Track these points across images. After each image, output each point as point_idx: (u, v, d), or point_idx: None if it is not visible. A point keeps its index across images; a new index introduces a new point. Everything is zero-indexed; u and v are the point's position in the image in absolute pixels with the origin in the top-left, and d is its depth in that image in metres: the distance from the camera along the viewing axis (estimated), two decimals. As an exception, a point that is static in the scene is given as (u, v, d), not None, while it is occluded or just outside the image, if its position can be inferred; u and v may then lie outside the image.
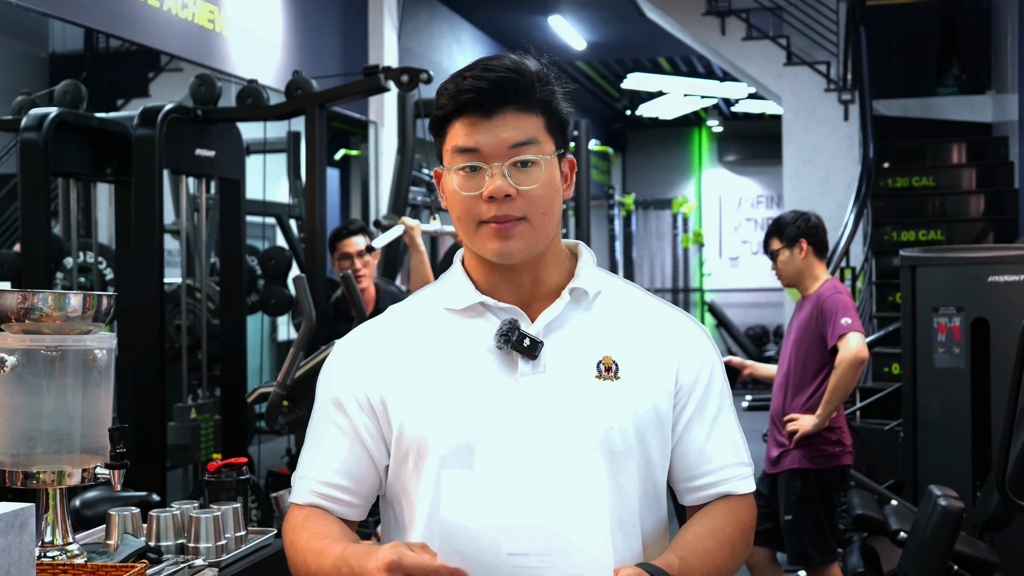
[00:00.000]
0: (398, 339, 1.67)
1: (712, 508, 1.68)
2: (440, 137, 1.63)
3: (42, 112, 4.66)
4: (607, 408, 1.59)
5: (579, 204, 8.22)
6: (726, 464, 1.68)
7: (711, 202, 18.75)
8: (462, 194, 1.59)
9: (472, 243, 1.62)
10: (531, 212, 1.58)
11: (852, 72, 9.91)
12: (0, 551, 1.63)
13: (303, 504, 1.68)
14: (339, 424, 1.66)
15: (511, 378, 1.60)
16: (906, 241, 8.70)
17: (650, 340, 1.66)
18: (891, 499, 4.91)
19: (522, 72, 1.59)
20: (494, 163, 1.57)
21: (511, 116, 1.57)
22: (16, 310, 2.17)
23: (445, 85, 1.61)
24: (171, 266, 7.39)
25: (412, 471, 1.61)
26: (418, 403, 1.61)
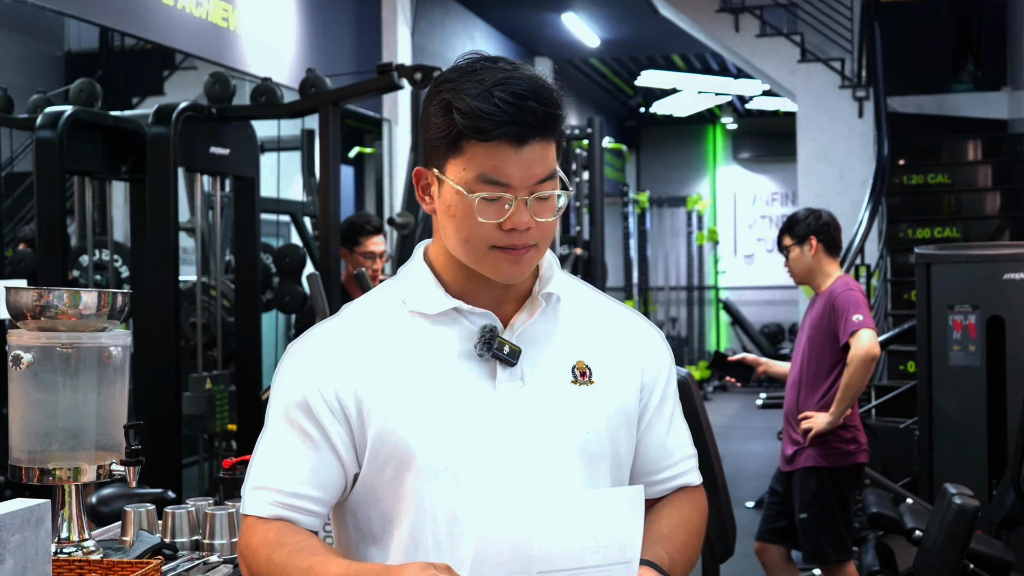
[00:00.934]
0: (366, 341, 1.59)
1: (676, 499, 1.73)
2: (450, 149, 1.52)
3: (57, 110, 4.68)
4: (584, 413, 1.60)
5: (593, 202, 8.21)
6: (684, 457, 1.74)
7: (726, 199, 18.72)
8: (480, 220, 1.51)
9: (477, 264, 1.56)
10: (542, 240, 1.56)
11: (867, 69, 9.88)
12: (17, 547, 1.64)
13: (269, 517, 1.57)
14: (306, 429, 1.57)
15: (490, 386, 1.57)
16: (921, 238, 8.67)
17: (616, 342, 1.68)
18: (906, 497, 4.90)
19: (557, 103, 1.53)
20: (520, 195, 1.52)
21: (539, 147, 1.52)
22: (32, 307, 2.18)
23: (467, 96, 1.49)
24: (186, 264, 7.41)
25: (390, 481, 1.56)
26: (400, 412, 1.55)
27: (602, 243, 8.05)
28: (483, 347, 1.56)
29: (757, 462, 9.13)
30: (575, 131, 8.48)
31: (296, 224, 7.59)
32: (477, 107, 1.48)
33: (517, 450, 1.56)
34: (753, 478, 8.46)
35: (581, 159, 8.66)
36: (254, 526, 1.58)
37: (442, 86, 1.54)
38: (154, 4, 5.47)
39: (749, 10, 10.56)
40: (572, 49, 13.82)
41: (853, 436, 4.51)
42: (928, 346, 5.18)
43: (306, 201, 7.69)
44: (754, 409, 5.55)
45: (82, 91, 5.40)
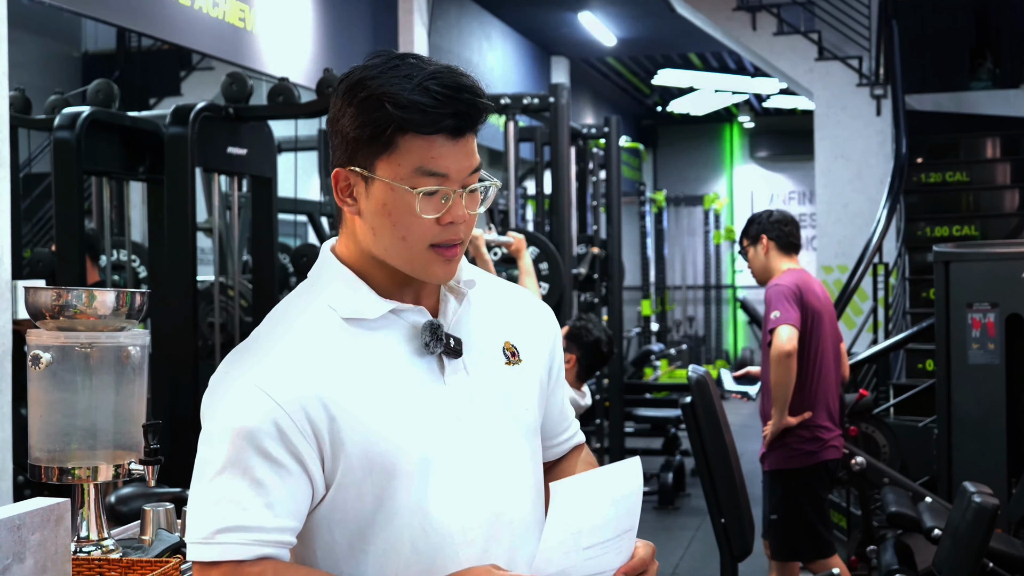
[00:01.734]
0: (312, 355, 1.51)
1: (579, 457, 1.85)
2: (381, 146, 1.48)
3: (75, 111, 4.70)
4: (521, 391, 1.66)
5: (610, 201, 8.20)
6: (573, 419, 1.87)
7: (743, 198, 18.67)
8: (423, 217, 1.49)
9: (410, 263, 1.54)
10: (467, 235, 1.56)
11: (884, 67, 9.84)
12: (37, 546, 1.65)
13: (252, 559, 1.46)
14: (279, 459, 1.46)
15: (440, 381, 1.57)
16: (940, 237, 8.63)
17: (526, 319, 1.73)
18: (925, 496, 4.88)
19: (485, 96, 1.53)
20: (457, 188, 1.51)
21: (471, 140, 1.52)
22: (51, 307, 2.19)
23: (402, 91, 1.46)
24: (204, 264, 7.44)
25: (369, 493, 1.51)
26: (372, 422, 1.50)
27: (619, 242, 8.04)
28: (435, 343, 1.55)
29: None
30: (591, 130, 8.47)
31: (313, 224, 7.61)
32: (417, 100, 1.46)
33: (476, 440, 1.58)
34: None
35: (598, 158, 8.65)
36: (236, 571, 1.46)
37: (362, 84, 1.49)
38: (171, 4, 5.49)
39: (766, 8, 10.53)
40: (589, 48, 13.80)
41: (813, 435, 4.49)
42: (947, 344, 5.16)
43: (323, 201, 7.70)
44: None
45: (99, 92, 5.43)
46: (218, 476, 1.47)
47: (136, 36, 9.22)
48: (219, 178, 5.74)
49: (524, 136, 7.82)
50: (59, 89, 6.07)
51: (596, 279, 7.68)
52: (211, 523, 1.46)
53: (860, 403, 5.42)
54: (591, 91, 15.88)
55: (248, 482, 1.46)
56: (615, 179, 8.20)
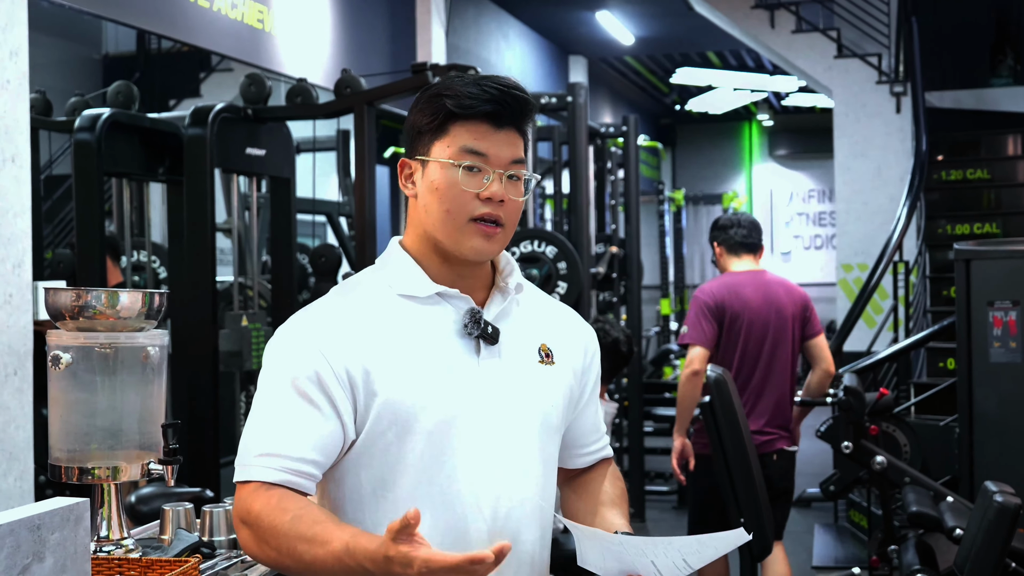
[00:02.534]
0: (365, 318, 1.76)
1: (605, 471, 2.02)
2: (436, 133, 1.76)
3: (95, 113, 4.72)
4: (548, 389, 1.85)
5: (629, 200, 8.19)
6: (604, 433, 2.05)
7: (762, 197, 18.62)
8: (462, 188, 1.74)
9: (453, 236, 1.76)
10: (509, 222, 1.78)
11: (904, 64, 9.79)
12: (56, 545, 1.66)
13: (274, 483, 1.68)
14: (314, 399, 1.70)
15: (474, 361, 1.78)
16: (960, 234, 8.58)
17: (564, 329, 1.94)
18: (947, 496, 4.85)
19: (531, 103, 1.79)
20: (497, 169, 1.75)
21: (512, 135, 1.78)
22: (71, 308, 2.20)
23: (459, 86, 1.75)
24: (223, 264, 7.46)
25: (389, 445, 1.72)
26: (404, 382, 1.72)
27: (638, 241, 8.02)
28: (473, 325, 1.77)
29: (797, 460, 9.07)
30: (610, 129, 8.46)
31: (332, 224, 7.63)
32: (467, 91, 1.75)
33: (495, 417, 1.77)
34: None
35: (616, 157, 8.63)
36: (255, 492, 1.67)
37: (434, 87, 1.80)
38: (190, 6, 5.51)
39: (785, 6, 10.49)
40: (607, 47, 13.79)
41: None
42: (968, 343, 5.13)
43: (342, 201, 7.72)
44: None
45: (119, 93, 5.45)
46: (262, 408, 1.72)
47: (156, 38, 9.25)
48: (238, 179, 5.76)
49: (542, 135, 7.82)
50: (79, 91, 6.10)
51: (615, 278, 7.66)
52: (253, 447, 1.70)
53: (881, 402, 5.39)
54: (609, 90, 15.86)
55: (286, 416, 1.70)
56: (633, 178, 8.18)
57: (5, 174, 3.79)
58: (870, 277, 7.88)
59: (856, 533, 6.78)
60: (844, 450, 4.91)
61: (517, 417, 1.80)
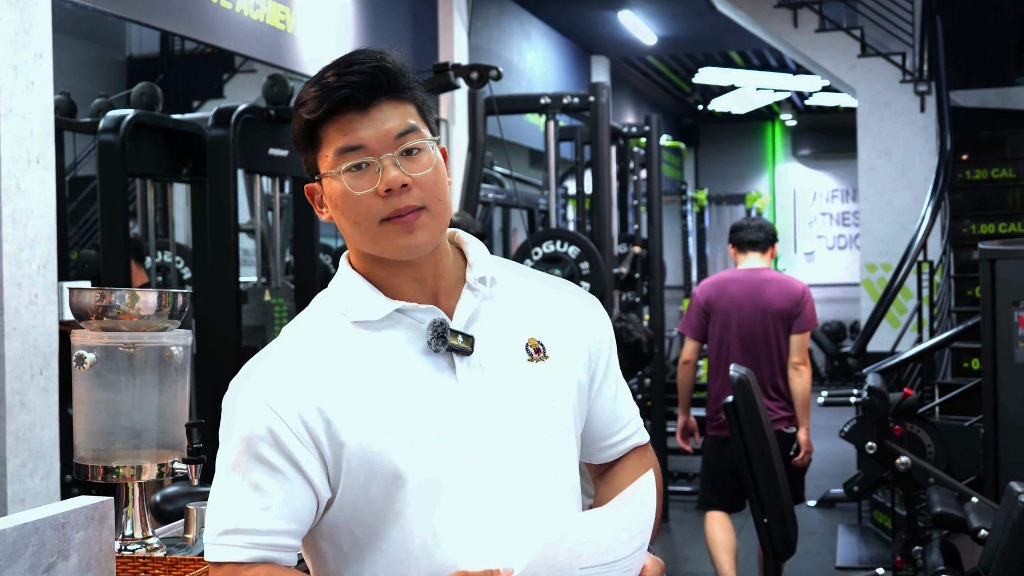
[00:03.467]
0: (317, 359, 1.54)
1: (633, 461, 1.77)
2: (312, 147, 1.56)
3: (119, 114, 4.74)
4: (546, 389, 1.60)
5: (651, 200, 8.17)
6: (631, 419, 1.77)
7: (785, 197, 18.56)
8: (356, 194, 1.52)
9: (375, 245, 1.54)
10: (429, 200, 1.54)
11: (928, 63, 9.74)
12: (81, 543, 1.67)
13: (248, 561, 1.49)
14: (274, 463, 1.50)
15: (452, 379, 1.55)
16: (985, 234, 8.53)
17: (560, 315, 1.67)
18: (971, 496, 4.82)
19: (390, 61, 1.56)
20: (384, 155, 1.52)
21: (388, 107, 1.54)
22: (95, 308, 2.21)
23: (307, 92, 1.55)
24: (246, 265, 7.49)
25: (377, 497, 1.51)
26: (372, 424, 1.50)
27: (660, 241, 8.00)
28: (438, 341, 1.54)
29: (819, 460, 9.02)
30: (632, 129, 8.45)
31: (354, 224, 7.63)
32: (314, 93, 1.53)
33: (492, 436, 1.55)
34: (815, 476, 8.37)
35: (639, 157, 8.62)
36: (235, 573, 1.50)
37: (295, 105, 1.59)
38: (213, 8, 5.54)
39: (808, 5, 10.45)
40: (629, 47, 13.77)
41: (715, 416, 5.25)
42: (993, 343, 5.09)
43: (364, 202, 7.73)
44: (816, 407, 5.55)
45: (143, 95, 5.47)
46: (224, 479, 1.53)
47: (179, 40, 9.30)
48: (261, 179, 5.77)
49: (564, 136, 7.81)
50: (104, 92, 6.13)
51: (637, 278, 7.66)
52: (216, 524, 1.51)
53: (905, 402, 5.36)
54: (631, 90, 15.84)
55: (247, 486, 1.50)
56: (656, 178, 8.17)
57: (30, 175, 3.82)
58: (894, 277, 7.84)
59: (880, 534, 6.75)
60: (868, 450, 4.89)
61: (514, 428, 1.56)
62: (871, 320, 7.88)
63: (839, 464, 8.71)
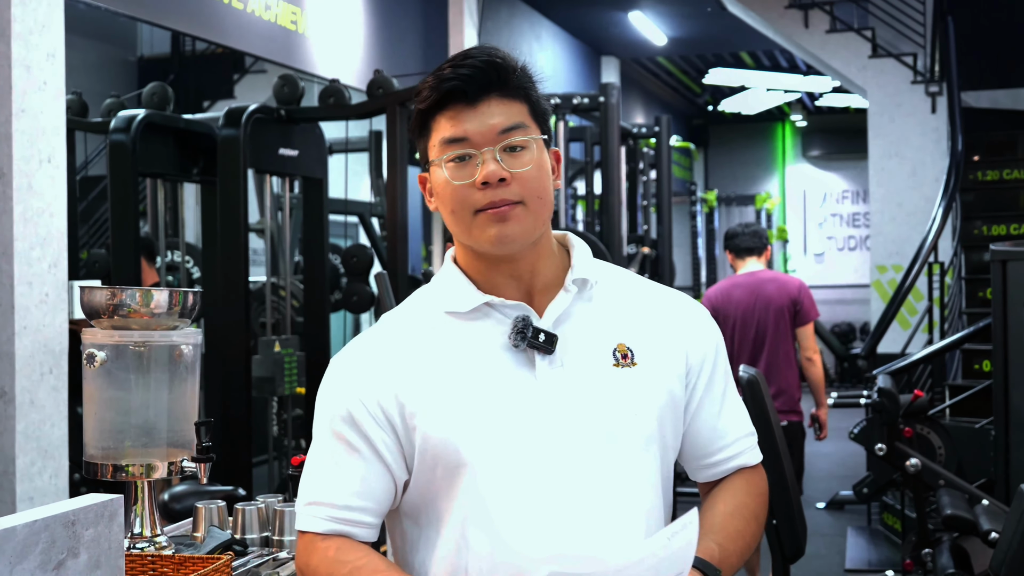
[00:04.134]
0: (404, 346, 1.60)
1: (731, 484, 1.71)
2: (424, 136, 1.61)
3: (130, 114, 4.76)
4: (630, 395, 1.58)
5: (661, 200, 8.17)
6: (738, 438, 1.71)
7: (795, 198, 18.53)
8: (454, 184, 1.56)
9: (469, 236, 1.58)
10: (527, 195, 1.55)
11: (940, 63, 9.71)
12: (90, 541, 1.67)
13: (324, 533, 1.58)
14: (353, 442, 1.58)
15: (530, 375, 1.56)
16: (997, 235, 8.49)
17: (657, 324, 1.65)
18: (982, 499, 4.81)
19: (503, 58, 1.59)
20: (484, 149, 1.55)
21: (496, 102, 1.57)
22: (105, 306, 2.22)
23: (423, 83, 1.60)
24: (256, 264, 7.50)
25: (443, 480, 1.56)
26: (442, 411, 1.55)
27: (670, 242, 8.00)
28: (517, 337, 1.56)
29: (828, 462, 9.03)
30: (642, 129, 8.44)
31: (364, 225, 7.65)
32: (428, 83, 1.58)
33: (563, 435, 1.55)
34: (824, 479, 8.36)
35: (648, 158, 8.62)
36: (312, 543, 1.58)
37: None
38: (224, 8, 5.55)
39: (819, 5, 10.43)
40: (639, 48, 13.76)
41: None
42: (1004, 345, 5.07)
43: (374, 202, 7.74)
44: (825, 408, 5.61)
45: (154, 95, 5.49)
46: (313, 453, 1.63)
47: (190, 40, 9.32)
48: (271, 179, 5.79)
49: (574, 136, 7.81)
50: (115, 92, 6.15)
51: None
52: (303, 495, 1.62)
53: (915, 404, 5.35)
54: (641, 90, 15.83)
55: (329, 462, 1.60)
56: (666, 179, 8.16)
57: (41, 174, 3.83)
58: (904, 278, 7.82)
59: (890, 536, 6.73)
60: (878, 452, 4.88)
61: (591, 430, 1.56)
62: (881, 321, 7.86)
63: (848, 466, 8.69)
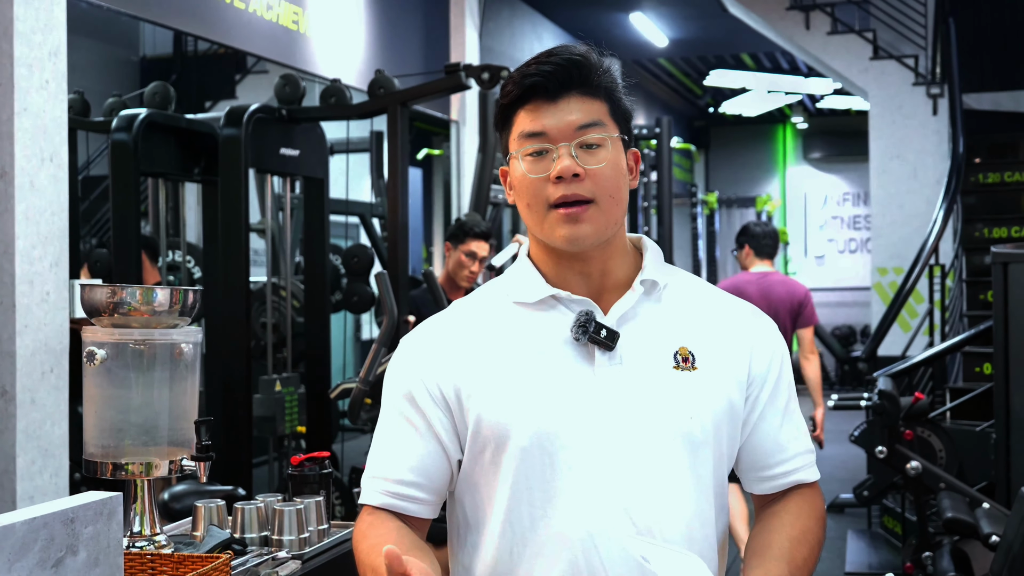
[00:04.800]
0: (468, 332, 1.65)
1: (795, 506, 1.69)
2: (506, 129, 1.64)
3: (132, 113, 4.76)
4: (687, 398, 1.59)
5: (661, 202, 8.17)
6: (798, 453, 1.70)
7: (796, 200, 18.52)
8: (530, 177, 1.59)
9: (542, 230, 1.61)
10: (599, 194, 1.58)
11: (941, 65, 9.72)
12: (89, 538, 1.67)
13: (375, 505, 1.64)
14: (411, 420, 1.63)
15: (589, 369, 1.58)
16: (998, 238, 8.50)
17: (722, 331, 1.66)
18: (983, 502, 4.80)
19: (585, 57, 1.62)
20: (561, 144, 1.58)
21: (576, 100, 1.60)
22: (106, 304, 2.22)
23: (510, 76, 1.64)
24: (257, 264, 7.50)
25: (489, 464, 1.59)
26: (496, 394, 1.58)
27: (671, 244, 8.01)
28: (579, 331, 1.58)
29: (830, 465, 9.02)
30: (643, 131, 8.45)
31: (365, 225, 7.65)
32: (515, 77, 1.62)
33: (615, 430, 1.56)
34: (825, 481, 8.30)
35: (649, 159, 8.62)
36: (362, 516, 1.65)
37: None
38: (226, 8, 5.55)
39: (820, 7, 10.44)
40: (640, 49, 13.76)
41: None
42: (1005, 347, 5.07)
43: (374, 202, 7.74)
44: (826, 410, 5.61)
45: (156, 94, 5.49)
46: (377, 429, 1.69)
47: (192, 40, 9.32)
48: (272, 179, 5.78)
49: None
50: (117, 92, 6.15)
51: (648, 281, 7.65)
52: (367, 469, 1.68)
53: (916, 407, 5.35)
54: (642, 92, 15.83)
55: (388, 438, 1.65)
56: (667, 180, 8.17)
57: (43, 173, 3.83)
58: (905, 280, 7.82)
59: (890, 539, 6.72)
60: (878, 455, 4.88)
61: (646, 429, 1.57)
62: (882, 324, 7.86)
63: (849, 469, 8.69)
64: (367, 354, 4.55)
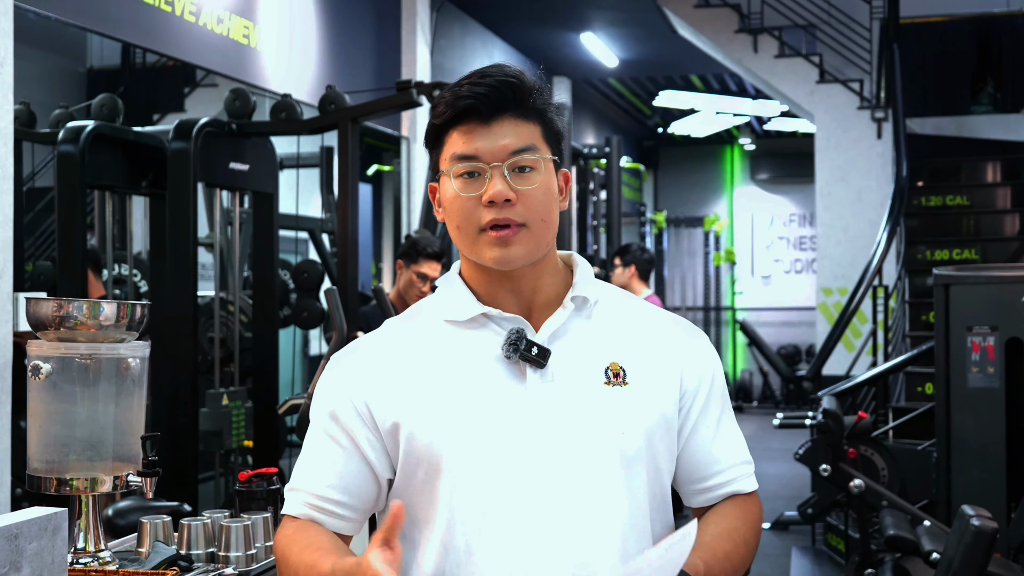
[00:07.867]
0: (398, 351, 1.65)
1: (723, 509, 1.71)
2: (437, 148, 1.64)
3: (79, 125, 4.71)
4: (618, 414, 1.60)
5: (610, 221, 8.22)
6: (732, 464, 1.71)
7: (743, 220, 18.68)
8: (462, 197, 1.59)
9: (472, 251, 1.62)
10: (531, 218, 1.59)
11: (886, 90, 9.87)
12: (34, 555, 1.65)
13: (296, 516, 1.65)
14: (335, 437, 1.63)
15: (520, 387, 1.59)
16: (940, 260, 8.63)
17: (653, 346, 1.67)
18: (924, 519, 4.87)
19: (519, 79, 1.61)
20: (493, 164, 1.58)
21: (509, 123, 1.60)
22: (52, 318, 2.20)
23: (441, 95, 1.63)
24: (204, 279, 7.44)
25: (423, 483, 1.59)
26: (427, 414, 1.58)
27: (619, 262, 8.04)
28: (510, 348, 1.58)
29: (775, 483, 9.09)
30: (593, 150, 8.50)
31: (314, 240, 7.62)
32: (446, 98, 1.62)
33: (547, 448, 1.57)
34: (770, 499, 8.42)
35: (599, 178, 8.67)
36: (285, 523, 1.65)
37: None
38: (176, 21, 5.52)
39: (768, 31, 10.57)
40: (591, 69, 13.84)
41: None
42: (946, 368, 5.15)
43: (324, 218, 7.71)
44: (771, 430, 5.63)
45: (104, 106, 5.44)
46: (304, 442, 1.69)
47: (141, 52, 9.24)
48: (221, 193, 5.75)
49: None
50: (64, 103, 6.08)
51: (596, 299, 7.68)
52: (290, 480, 1.68)
53: (859, 425, 5.42)
54: (592, 111, 15.92)
55: (313, 452, 1.66)
56: (616, 199, 8.22)
57: (-13, 185, 3.78)
58: (849, 301, 7.92)
59: (833, 556, 6.79)
60: (822, 473, 4.93)
61: (576, 446, 1.57)
62: (826, 344, 7.95)
63: (793, 487, 8.76)
64: (315, 370, 4.53)
